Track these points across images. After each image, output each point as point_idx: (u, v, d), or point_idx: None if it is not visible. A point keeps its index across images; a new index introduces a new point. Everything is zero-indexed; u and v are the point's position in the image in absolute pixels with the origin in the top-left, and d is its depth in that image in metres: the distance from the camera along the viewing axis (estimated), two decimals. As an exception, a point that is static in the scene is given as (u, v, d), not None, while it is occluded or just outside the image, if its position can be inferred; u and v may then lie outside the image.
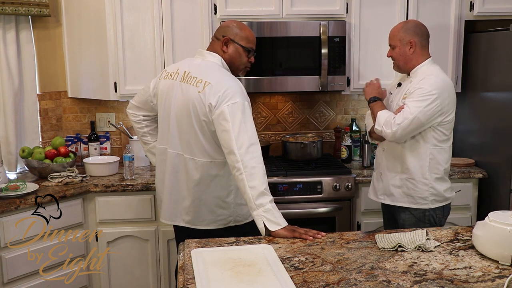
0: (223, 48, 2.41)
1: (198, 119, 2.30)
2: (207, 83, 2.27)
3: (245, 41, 2.42)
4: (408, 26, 2.63)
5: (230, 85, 2.26)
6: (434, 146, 2.57)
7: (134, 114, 2.73)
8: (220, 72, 2.35)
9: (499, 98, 3.20)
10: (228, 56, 2.41)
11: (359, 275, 1.73)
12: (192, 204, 2.41)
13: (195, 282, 1.66)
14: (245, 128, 2.19)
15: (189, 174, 2.38)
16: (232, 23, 2.45)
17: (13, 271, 2.74)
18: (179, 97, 2.36)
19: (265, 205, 2.11)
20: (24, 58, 3.31)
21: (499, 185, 3.20)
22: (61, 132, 3.64)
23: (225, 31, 2.42)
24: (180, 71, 2.42)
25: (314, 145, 3.46)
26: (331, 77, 3.29)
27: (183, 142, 2.38)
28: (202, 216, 2.42)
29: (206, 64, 2.39)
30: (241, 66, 2.47)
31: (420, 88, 2.49)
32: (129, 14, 3.23)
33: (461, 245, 1.98)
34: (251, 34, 2.45)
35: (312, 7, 3.29)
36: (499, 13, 3.42)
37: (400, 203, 2.65)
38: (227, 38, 2.40)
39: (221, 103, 2.22)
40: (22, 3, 3.16)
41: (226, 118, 2.20)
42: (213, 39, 2.47)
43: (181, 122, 2.37)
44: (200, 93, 2.28)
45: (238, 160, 2.14)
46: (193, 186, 2.38)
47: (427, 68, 2.60)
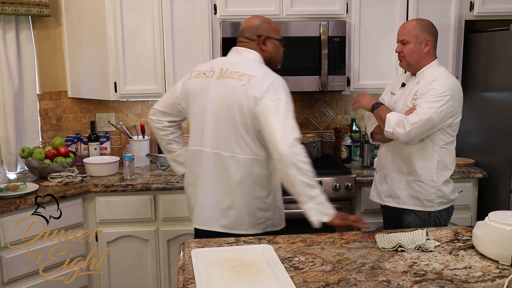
0: (261, 47, 2.37)
1: (241, 113, 2.23)
2: (252, 76, 2.23)
3: (277, 34, 2.42)
4: (425, 24, 2.59)
5: (274, 80, 2.24)
6: (442, 148, 2.55)
7: (158, 120, 2.57)
8: (263, 67, 2.32)
9: (499, 98, 3.20)
10: (268, 53, 2.39)
11: (359, 275, 1.73)
12: (232, 206, 2.30)
13: (195, 282, 1.66)
14: (289, 123, 2.16)
15: (230, 173, 2.29)
16: (258, 20, 2.40)
17: (13, 271, 2.74)
18: (217, 94, 2.29)
19: (317, 197, 2.13)
20: (24, 58, 3.31)
21: (499, 185, 3.20)
22: (61, 132, 3.64)
23: (257, 30, 2.37)
24: (215, 69, 2.35)
25: (314, 145, 3.46)
26: (331, 77, 3.29)
27: (222, 140, 2.29)
28: (242, 220, 2.31)
29: (245, 60, 2.35)
30: (280, 59, 2.47)
31: (434, 89, 2.47)
32: (129, 14, 3.23)
33: (461, 245, 1.98)
34: (276, 24, 2.44)
35: (312, 7, 3.29)
36: (499, 13, 3.42)
37: (406, 205, 2.63)
38: (264, 36, 2.36)
39: (265, 96, 2.19)
40: (22, 3, 3.16)
41: (271, 111, 2.17)
42: (244, 41, 2.39)
43: (220, 119, 2.28)
44: (244, 86, 2.22)
45: (286, 154, 2.11)
46: (234, 186, 2.29)
47: (434, 69, 2.58)
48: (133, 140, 3.51)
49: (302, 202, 2.15)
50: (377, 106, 2.62)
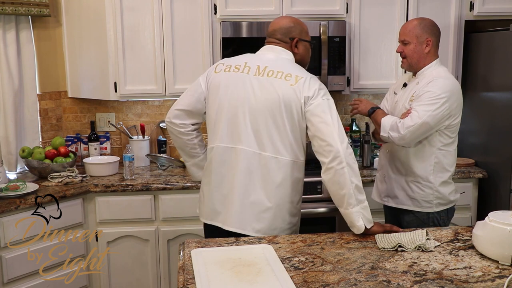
0: (294, 50, 2.33)
1: (290, 113, 2.18)
2: (299, 77, 2.20)
3: (308, 35, 2.38)
4: (426, 23, 2.56)
5: (320, 82, 2.25)
6: (439, 149, 2.53)
7: (183, 124, 2.40)
8: (302, 69, 2.30)
9: (499, 98, 3.20)
10: (300, 56, 2.35)
11: (359, 275, 1.73)
12: (269, 210, 2.21)
13: (195, 282, 1.66)
14: (339, 124, 2.15)
15: (270, 175, 2.20)
16: (290, 21, 2.34)
17: (13, 271, 2.74)
18: (259, 92, 2.20)
19: (364, 201, 2.11)
20: (24, 58, 3.31)
21: (499, 185, 3.20)
22: (61, 132, 3.64)
23: (290, 32, 2.31)
24: (250, 65, 2.26)
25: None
26: (331, 77, 3.29)
27: (265, 139, 2.20)
28: (275, 224, 2.23)
29: (283, 59, 2.29)
30: (308, 60, 2.44)
31: (429, 91, 2.44)
32: (129, 14, 3.23)
33: (461, 245, 1.98)
34: (306, 25, 2.40)
35: (312, 7, 3.29)
36: (499, 13, 3.41)
37: (404, 205, 2.63)
38: (297, 39, 2.32)
39: (317, 95, 2.17)
40: (22, 3, 3.16)
41: (325, 110, 2.15)
42: (276, 42, 2.32)
43: (264, 118, 2.19)
44: (293, 86, 2.17)
45: (341, 153, 2.07)
46: (273, 189, 2.21)
47: (434, 69, 2.55)
48: (133, 140, 3.51)
49: (348, 204, 2.09)
50: (373, 111, 2.60)
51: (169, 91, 3.32)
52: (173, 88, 3.31)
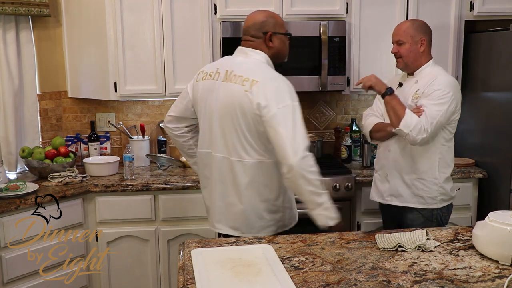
0: (268, 44, 2.32)
1: (245, 118, 2.20)
2: (255, 82, 2.18)
3: (283, 28, 2.37)
4: (419, 24, 2.63)
5: (278, 84, 2.20)
6: (442, 145, 2.59)
7: (176, 127, 2.53)
8: (267, 70, 2.27)
9: (499, 98, 3.20)
10: (275, 49, 2.34)
11: (359, 275, 1.73)
12: (242, 211, 2.29)
13: (195, 282, 1.66)
14: (298, 132, 2.15)
15: (237, 178, 2.27)
16: (263, 16, 2.33)
17: (13, 271, 2.74)
18: (222, 98, 2.25)
19: (324, 204, 2.18)
20: (24, 58, 3.31)
21: (499, 185, 3.20)
22: (61, 132, 3.64)
23: (263, 27, 2.30)
24: (220, 70, 2.31)
25: (314, 145, 3.46)
26: (331, 77, 3.29)
27: (228, 144, 2.27)
28: (252, 223, 2.30)
29: (250, 62, 2.29)
30: (286, 52, 2.42)
31: (439, 89, 2.49)
32: (129, 14, 3.23)
33: (461, 245, 1.98)
34: (281, 18, 2.40)
35: (312, 7, 3.29)
36: (499, 13, 3.41)
37: (409, 203, 2.64)
38: (270, 32, 2.30)
39: (271, 104, 2.14)
40: (22, 3, 3.16)
41: (280, 122, 2.13)
42: (250, 39, 2.33)
43: (226, 124, 2.26)
44: (247, 92, 2.18)
45: (293, 166, 2.10)
46: (242, 191, 2.28)
47: (432, 68, 2.62)
48: (133, 140, 3.51)
49: (309, 208, 2.20)
50: (391, 93, 2.54)
51: (169, 91, 3.32)
52: (173, 88, 3.31)
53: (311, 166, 2.14)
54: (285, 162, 2.13)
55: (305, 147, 2.14)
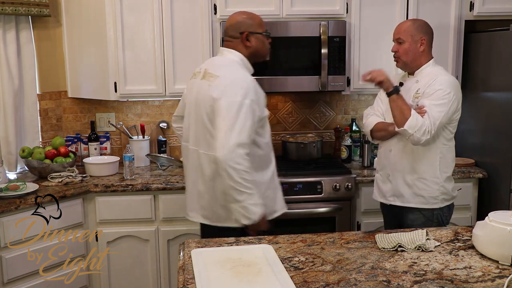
0: (246, 44, 2.42)
1: (207, 112, 2.33)
2: (216, 77, 2.33)
3: (261, 28, 2.46)
4: (420, 23, 2.63)
5: (235, 80, 2.29)
6: (443, 144, 2.59)
7: (179, 127, 2.68)
8: (232, 67, 2.37)
9: (499, 98, 3.20)
10: (253, 48, 2.44)
11: (359, 275, 1.73)
12: (209, 200, 2.41)
13: (195, 282, 1.66)
14: (235, 127, 2.21)
15: (204, 170, 2.39)
16: (240, 17, 2.46)
17: (13, 271, 2.74)
18: (195, 94, 2.42)
19: (243, 202, 2.24)
20: (24, 58, 3.31)
21: (499, 185, 3.20)
22: (61, 132, 3.64)
23: (239, 27, 2.42)
24: (202, 69, 2.46)
25: (314, 145, 3.46)
26: (331, 77, 3.29)
27: (198, 137, 2.40)
28: (218, 213, 2.40)
29: (223, 60, 2.44)
30: (266, 51, 2.51)
31: (440, 89, 2.49)
32: (129, 14, 3.23)
33: (461, 245, 1.98)
34: (260, 18, 2.49)
35: (312, 7, 3.29)
36: (499, 13, 3.41)
37: (411, 203, 2.64)
38: (246, 32, 2.41)
39: (221, 97, 2.25)
40: (22, 3, 3.16)
41: (220, 115, 2.24)
42: (228, 40, 2.45)
43: (196, 118, 2.41)
44: (209, 87, 2.32)
45: (221, 160, 2.20)
46: (207, 181, 2.39)
47: (433, 68, 2.62)
48: (133, 140, 3.51)
49: (227, 200, 2.30)
50: (398, 92, 2.53)
51: (169, 91, 3.32)
52: (173, 88, 3.31)
53: (237, 163, 2.20)
54: (214, 153, 2.23)
55: (236, 143, 2.20)
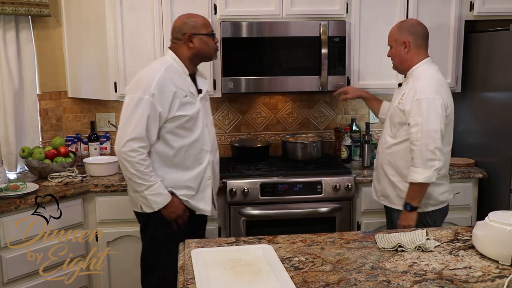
0: (189, 45, 2.49)
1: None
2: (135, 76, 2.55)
3: (204, 29, 2.52)
4: (404, 25, 2.61)
5: (139, 77, 2.46)
6: None
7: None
8: (150, 66, 2.52)
9: (499, 98, 3.20)
10: (196, 49, 2.50)
11: (359, 275, 1.73)
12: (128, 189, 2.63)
13: (195, 282, 1.66)
14: (128, 123, 2.38)
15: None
16: (182, 19, 2.53)
17: (13, 271, 2.74)
18: None
19: (142, 192, 2.44)
20: (24, 58, 3.31)
21: (499, 185, 3.20)
22: (61, 132, 3.64)
23: (182, 29, 2.50)
24: None
25: (314, 145, 3.46)
26: (331, 77, 3.29)
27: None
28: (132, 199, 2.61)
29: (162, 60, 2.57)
30: (212, 52, 2.57)
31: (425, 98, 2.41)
32: (129, 14, 3.23)
33: (461, 245, 1.98)
34: (204, 19, 2.55)
35: (312, 7, 3.29)
36: (499, 13, 3.41)
37: (394, 205, 2.64)
38: (188, 34, 2.48)
39: (126, 94, 2.47)
40: (22, 3, 3.16)
41: (122, 110, 2.42)
42: (173, 41, 2.55)
43: None
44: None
45: (117, 152, 2.42)
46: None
47: (423, 69, 2.56)
48: (133, 140, 3.50)
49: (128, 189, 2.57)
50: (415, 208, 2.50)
51: (169, 91, 3.31)
52: (173, 88, 3.31)
53: (129, 156, 2.39)
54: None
55: (129, 138, 2.38)
